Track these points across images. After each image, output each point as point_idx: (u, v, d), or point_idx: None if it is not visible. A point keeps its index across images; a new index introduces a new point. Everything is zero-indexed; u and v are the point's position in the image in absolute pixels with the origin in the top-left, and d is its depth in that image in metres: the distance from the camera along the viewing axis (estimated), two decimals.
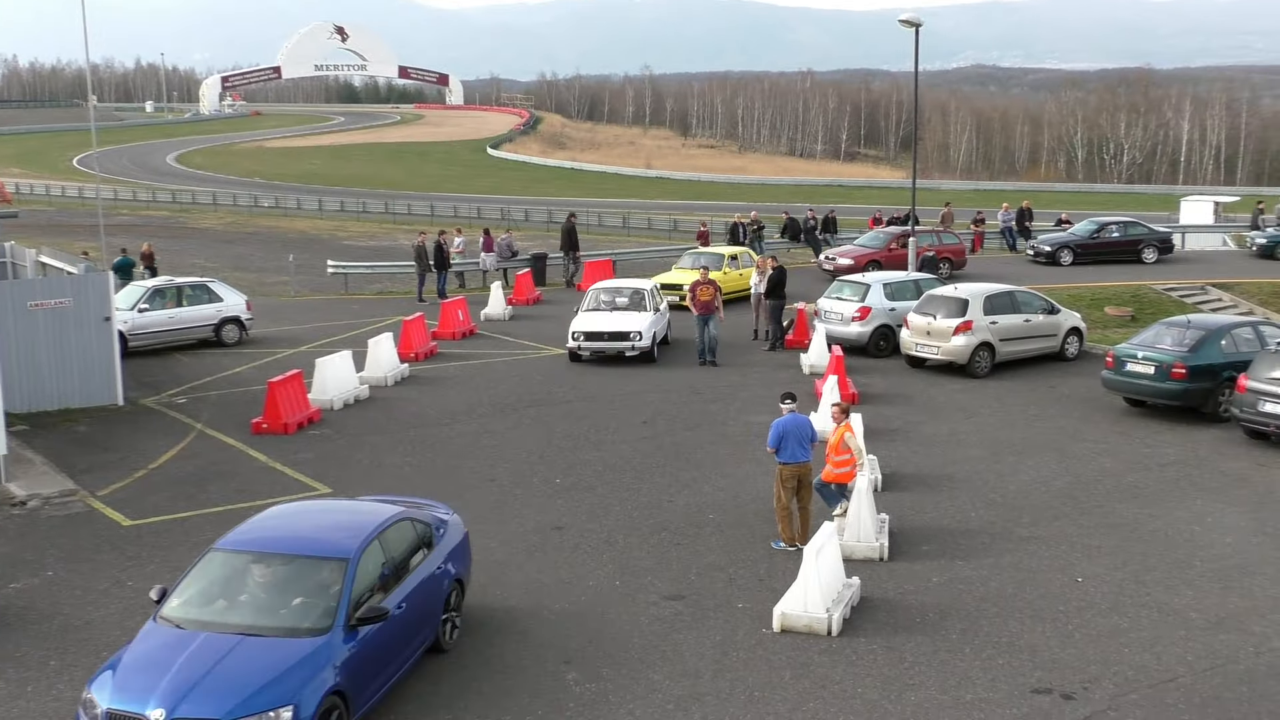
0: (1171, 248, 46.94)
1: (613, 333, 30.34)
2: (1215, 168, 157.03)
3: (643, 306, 31.57)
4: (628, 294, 32.19)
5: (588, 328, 30.54)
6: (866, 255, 42.32)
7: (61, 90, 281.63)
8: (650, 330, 30.51)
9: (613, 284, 33.66)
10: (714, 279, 30.98)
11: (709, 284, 29.79)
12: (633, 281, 34.20)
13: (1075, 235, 46.27)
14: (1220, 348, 24.50)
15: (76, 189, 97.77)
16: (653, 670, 13.57)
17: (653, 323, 30.86)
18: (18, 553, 17.50)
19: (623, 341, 30.17)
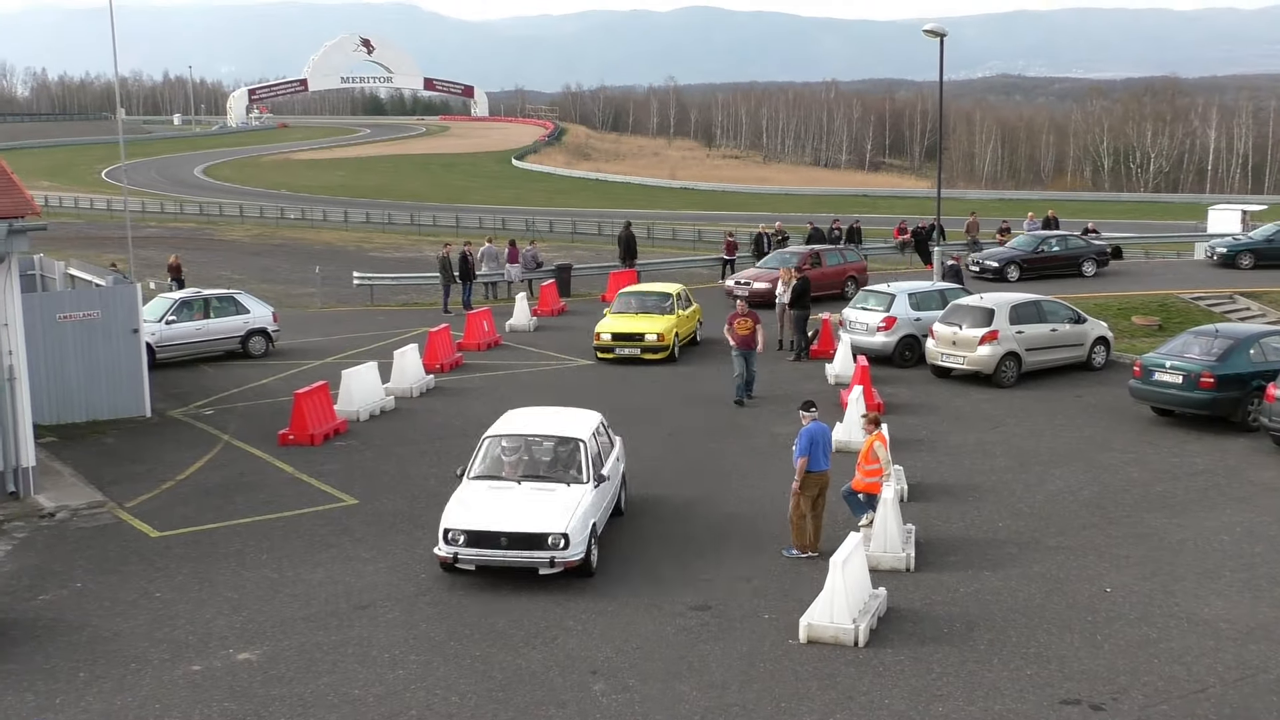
0: (1108, 260, 46.56)
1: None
2: (1243, 176, 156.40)
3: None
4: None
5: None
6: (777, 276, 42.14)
7: (90, 103, 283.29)
8: None
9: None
10: (754, 312, 27.93)
11: (749, 315, 27.25)
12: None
13: (1018, 250, 45.42)
14: (1249, 356, 24.38)
15: (105, 201, 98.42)
16: (679, 681, 13.55)
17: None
18: (46, 564, 17.58)
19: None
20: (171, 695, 13.36)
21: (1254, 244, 46.75)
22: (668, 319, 32.44)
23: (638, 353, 31.73)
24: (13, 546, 18.39)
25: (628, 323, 32.36)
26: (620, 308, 33.83)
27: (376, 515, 19.57)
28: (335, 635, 14.89)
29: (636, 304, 33.74)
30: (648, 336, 31.60)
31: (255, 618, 15.44)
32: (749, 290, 39.58)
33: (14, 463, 20.49)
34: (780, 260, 41.13)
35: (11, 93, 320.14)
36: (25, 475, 20.64)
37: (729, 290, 41.94)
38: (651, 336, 31.59)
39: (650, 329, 31.93)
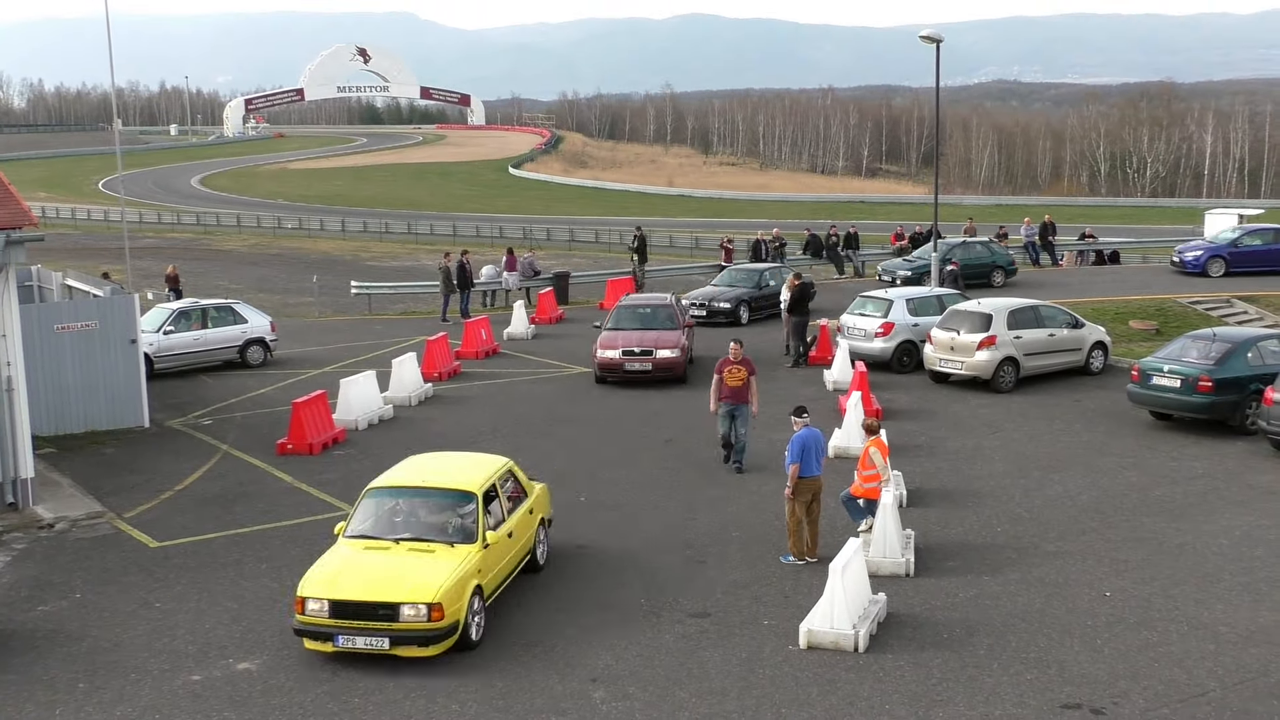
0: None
1: None
2: (1239, 181, 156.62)
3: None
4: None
5: None
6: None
7: (87, 114, 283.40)
8: None
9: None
10: (748, 357, 22.37)
11: (742, 364, 21.78)
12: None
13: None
14: (1247, 360, 24.39)
15: (102, 212, 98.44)
16: (679, 688, 13.54)
17: None
18: (46, 575, 17.57)
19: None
20: (171, 705, 13.35)
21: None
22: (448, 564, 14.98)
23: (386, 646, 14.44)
24: (12, 557, 18.38)
25: (364, 579, 14.60)
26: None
27: None
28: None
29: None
30: (404, 613, 14.11)
31: (255, 627, 15.43)
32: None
33: (12, 474, 20.48)
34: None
35: (8, 104, 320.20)
36: (24, 486, 20.62)
37: None
38: (409, 612, 14.09)
39: (409, 594, 14.36)
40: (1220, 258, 44.05)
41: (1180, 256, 45.70)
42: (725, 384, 21.68)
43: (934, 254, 40.40)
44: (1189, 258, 45.02)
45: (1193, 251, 45.34)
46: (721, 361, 21.92)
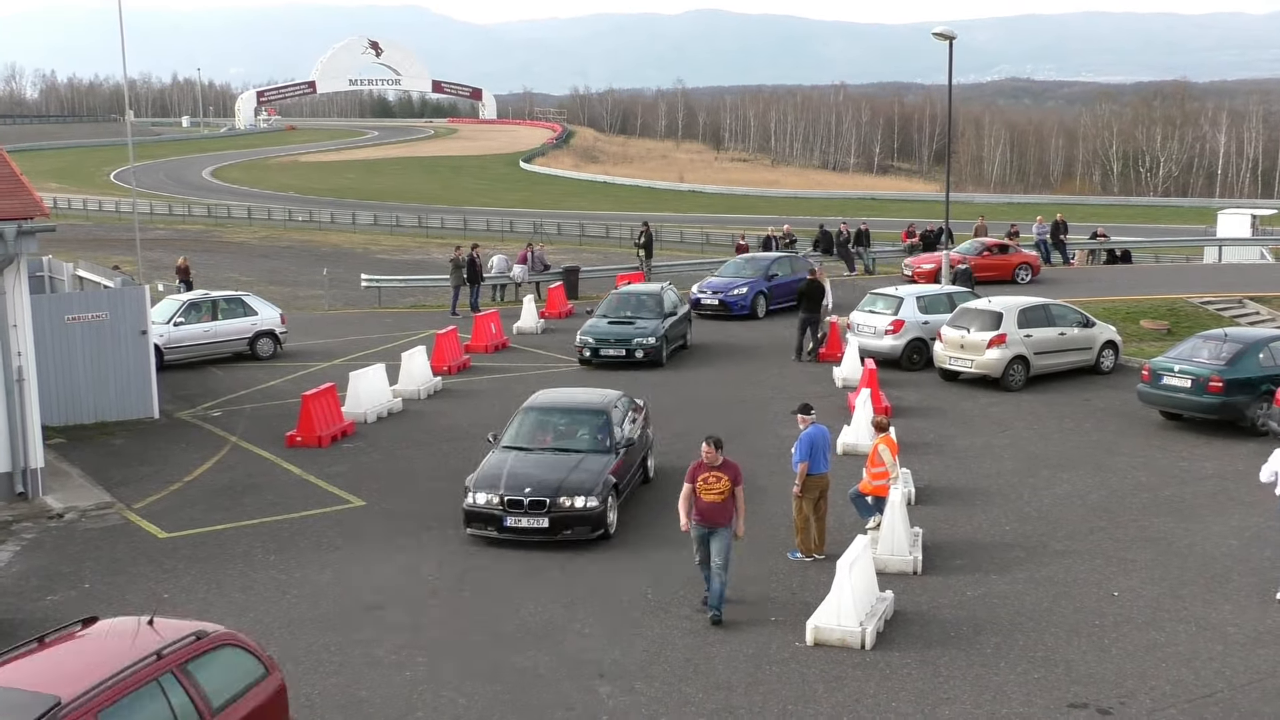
0: None
1: None
2: (1253, 180, 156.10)
3: None
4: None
5: None
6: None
7: (99, 105, 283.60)
8: None
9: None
10: (732, 461, 15.75)
11: (722, 470, 15.42)
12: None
13: None
14: (1258, 361, 24.33)
15: (113, 203, 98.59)
16: (685, 684, 13.54)
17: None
18: (55, 565, 17.61)
19: None
20: None
21: None
22: None
23: None
24: (21, 547, 18.43)
25: None
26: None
27: (384, 517, 19.59)
28: (343, 637, 14.91)
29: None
30: None
31: (263, 619, 15.45)
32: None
33: (22, 464, 20.54)
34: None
35: (21, 95, 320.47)
36: (34, 476, 20.69)
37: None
38: None
39: None
40: None
41: None
42: (699, 498, 15.36)
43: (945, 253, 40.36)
44: None
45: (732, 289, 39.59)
46: (694, 467, 15.59)
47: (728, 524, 15.33)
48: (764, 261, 41.09)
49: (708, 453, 15.44)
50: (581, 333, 31.94)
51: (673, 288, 34.52)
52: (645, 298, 33.36)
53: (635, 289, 34.57)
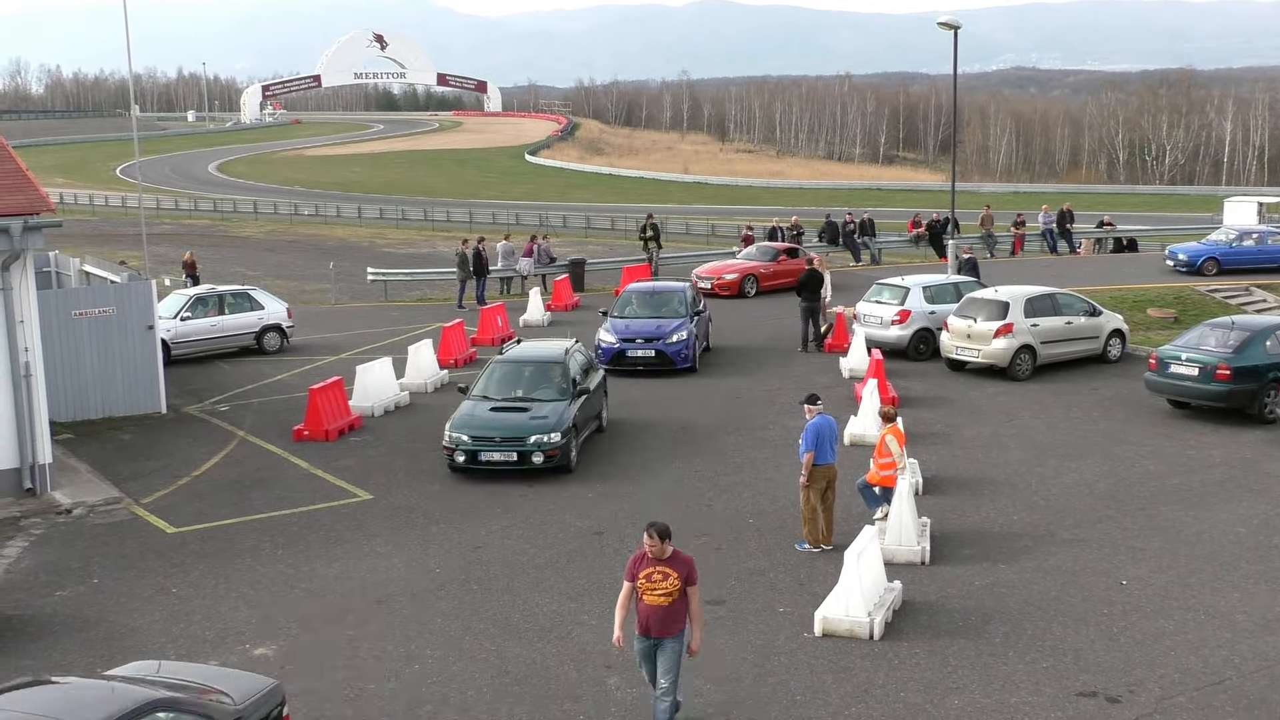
0: None
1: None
2: (1259, 168, 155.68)
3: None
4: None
5: None
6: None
7: (104, 100, 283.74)
8: None
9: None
10: (684, 555, 12.35)
11: (670, 566, 12.08)
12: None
13: None
14: (1265, 348, 24.28)
15: (119, 198, 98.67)
16: (694, 675, 13.53)
17: None
18: (64, 560, 17.64)
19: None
20: None
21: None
22: None
23: None
24: (30, 543, 18.47)
25: None
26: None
27: (391, 510, 19.61)
28: (351, 630, 14.93)
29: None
30: None
31: (271, 613, 15.48)
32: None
33: (31, 459, 20.56)
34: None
35: (26, 90, 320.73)
36: (42, 472, 20.72)
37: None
38: None
39: None
40: None
41: None
42: (641, 600, 12.13)
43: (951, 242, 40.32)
44: None
45: None
46: (634, 561, 12.23)
47: (678, 634, 12.06)
48: (674, 291, 32.52)
49: (650, 544, 11.96)
50: (452, 425, 21.81)
51: (580, 348, 25.16)
52: (542, 366, 23.54)
53: (528, 354, 24.51)
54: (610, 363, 29.16)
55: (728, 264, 43.88)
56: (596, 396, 23.99)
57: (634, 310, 31.40)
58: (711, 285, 41.47)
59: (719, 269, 43.09)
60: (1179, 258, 44.18)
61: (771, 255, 43.74)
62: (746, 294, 41.41)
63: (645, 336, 29.84)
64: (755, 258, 43.82)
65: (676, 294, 31.75)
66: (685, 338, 29.67)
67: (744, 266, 42.64)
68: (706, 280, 41.86)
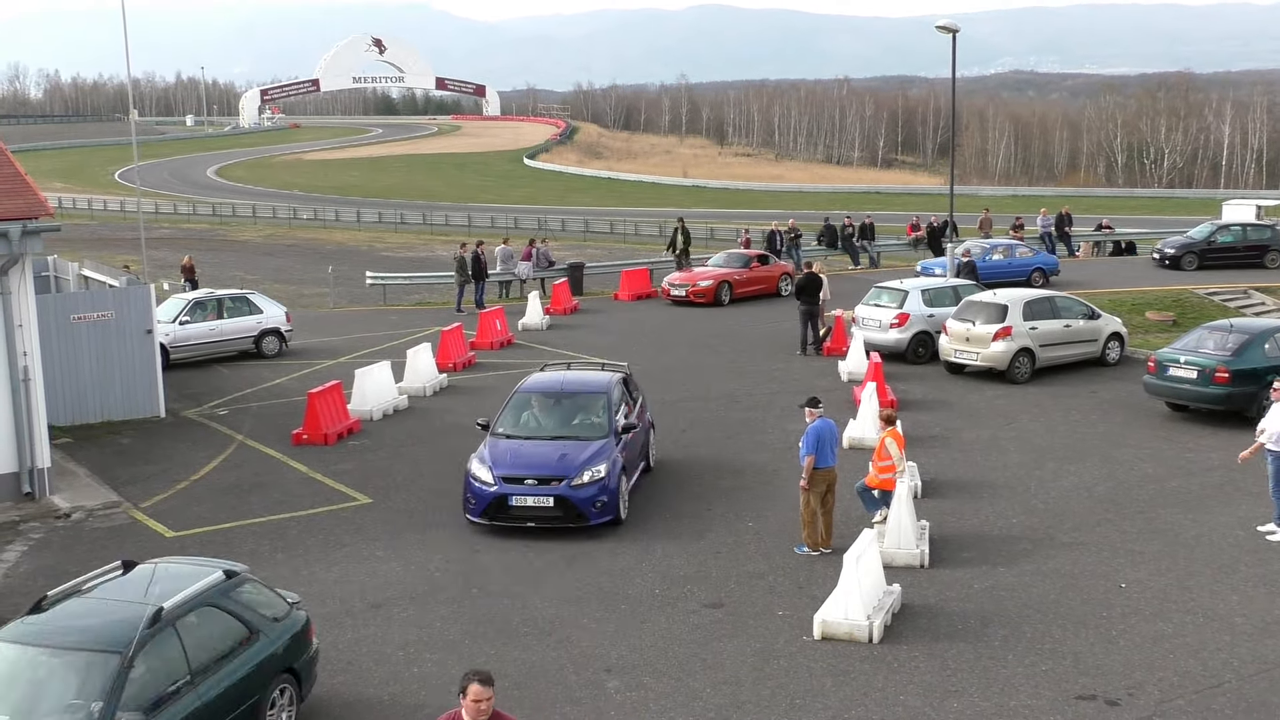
0: None
1: None
2: (1257, 171, 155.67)
3: None
4: None
5: None
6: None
7: (103, 105, 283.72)
8: None
9: None
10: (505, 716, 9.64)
11: None
12: None
13: None
14: (1264, 351, 24.31)
15: (118, 202, 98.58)
16: (693, 678, 13.55)
17: None
18: (62, 565, 17.61)
19: None
20: None
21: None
22: None
23: None
24: (29, 547, 18.46)
25: None
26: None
27: (390, 514, 19.61)
28: (350, 634, 14.92)
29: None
30: None
31: None
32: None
33: (29, 463, 20.55)
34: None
35: (25, 95, 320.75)
36: (41, 476, 20.71)
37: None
38: None
39: None
40: None
41: None
42: None
43: (949, 245, 40.35)
44: None
45: None
46: None
47: None
48: (594, 393, 20.49)
49: (476, 695, 9.49)
50: None
51: None
52: None
53: None
54: (483, 514, 18.55)
55: (700, 271, 43.75)
56: None
57: (532, 423, 20.19)
58: (686, 293, 41.56)
59: (692, 276, 42.93)
60: None
61: (743, 262, 43.62)
62: (722, 301, 41.35)
63: (538, 475, 18.58)
64: (727, 264, 43.67)
65: (598, 397, 20.33)
66: (602, 475, 18.48)
67: (717, 274, 42.51)
68: (681, 287, 41.95)
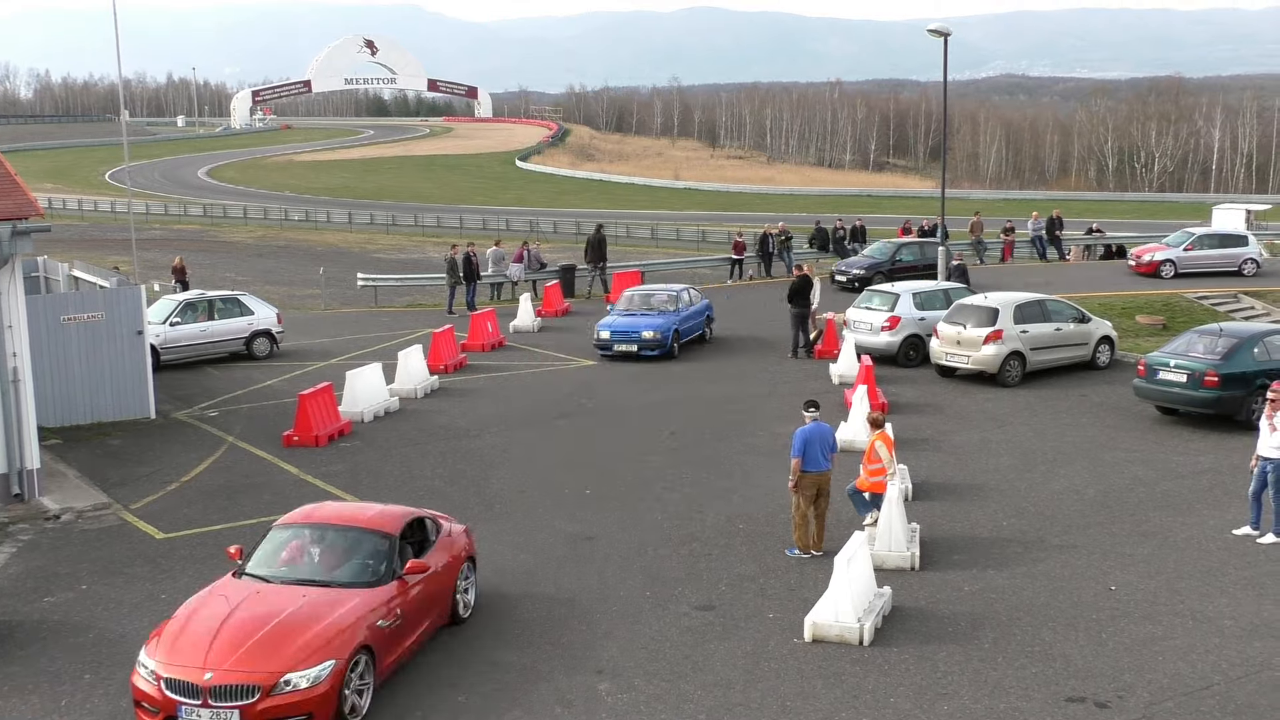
0: None
1: None
2: (1247, 176, 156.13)
3: None
4: None
5: None
6: None
7: (94, 105, 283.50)
8: None
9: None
10: None
11: None
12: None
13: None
14: (1253, 355, 24.36)
15: (109, 203, 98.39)
16: (684, 681, 13.55)
17: None
18: (52, 566, 17.60)
19: None
20: None
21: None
22: None
23: None
24: (18, 549, 18.42)
25: None
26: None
27: None
28: None
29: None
30: None
31: None
32: None
33: (19, 465, 20.52)
34: None
35: (15, 95, 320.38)
36: (30, 477, 20.66)
37: None
38: None
39: None
40: None
41: None
42: None
43: (941, 249, 40.38)
44: None
45: None
46: None
47: None
48: None
49: None
50: None
51: None
52: None
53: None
54: None
55: None
56: None
57: None
58: None
59: None
60: None
61: None
62: None
63: None
64: None
65: None
66: None
67: None
68: None
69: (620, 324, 32.68)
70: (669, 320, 32.71)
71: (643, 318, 32.87)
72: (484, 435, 24.69)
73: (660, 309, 33.42)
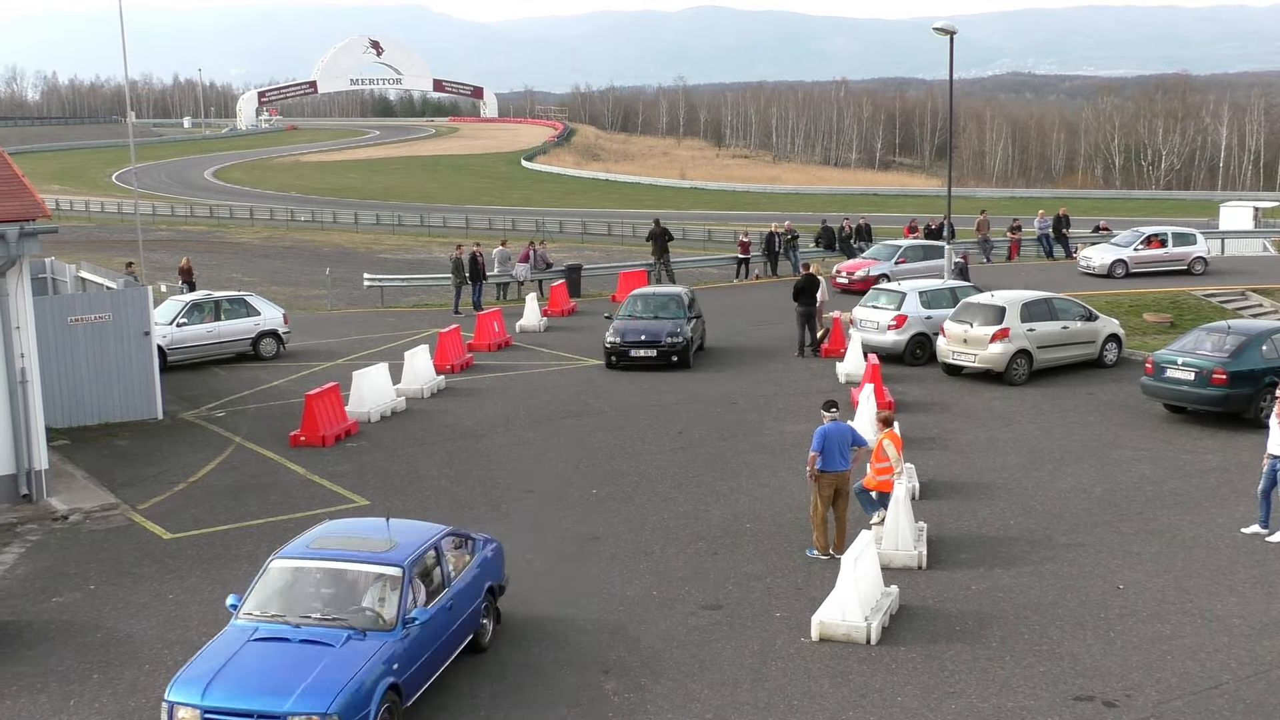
0: None
1: None
2: (1254, 173, 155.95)
3: None
4: None
5: None
6: None
7: (100, 107, 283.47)
8: None
9: None
10: None
11: None
12: None
13: None
14: (1261, 353, 24.31)
15: (116, 204, 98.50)
16: (691, 680, 13.55)
17: None
18: (60, 567, 17.62)
19: None
20: None
21: None
22: None
23: None
24: (26, 549, 18.44)
25: None
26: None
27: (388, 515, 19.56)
28: None
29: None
30: None
31: None
32: None
33: (27, 465, 20.54)
34: None
35: (22, 96, 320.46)
36: (38, 478, 20.69)
37: None
38: None
39: None
40: None
41: None
42: None
43: (948, 246, 40.35)
44: None
45: None
46: None
47: None
48: None
49: None
50: None
51: None
52: None
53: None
54: None
55: None
56: None
57: None
58: None
59: None
60: None
61: None
62: None
63: None
64: None
65: None
66: None
67: None
68: None
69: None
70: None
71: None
72: (490, 435, 24.70)
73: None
